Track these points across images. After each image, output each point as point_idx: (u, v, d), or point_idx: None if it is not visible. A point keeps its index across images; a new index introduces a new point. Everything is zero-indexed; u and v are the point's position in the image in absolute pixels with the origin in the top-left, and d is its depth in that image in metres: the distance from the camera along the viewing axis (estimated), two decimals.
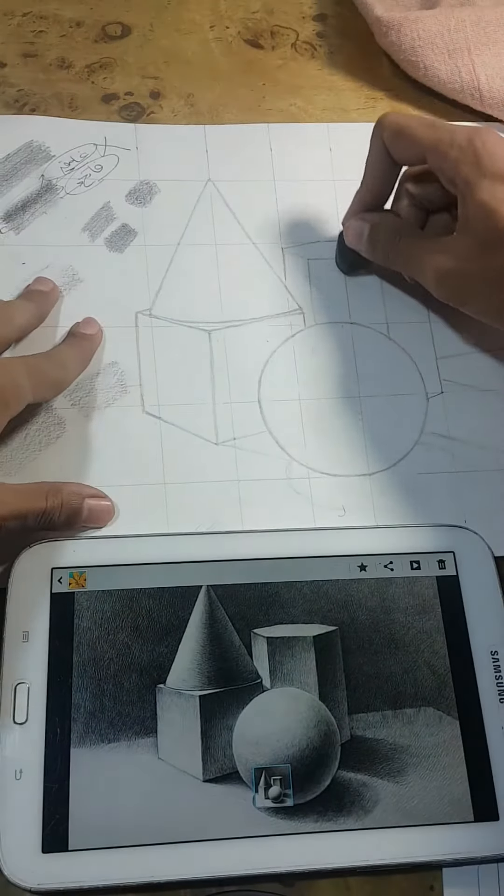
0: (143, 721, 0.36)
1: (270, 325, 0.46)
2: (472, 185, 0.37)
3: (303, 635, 0.38)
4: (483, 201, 0.37)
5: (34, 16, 0.53)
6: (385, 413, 0.44)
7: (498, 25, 0.51)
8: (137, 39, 0.53)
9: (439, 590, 0.39)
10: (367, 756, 0.36)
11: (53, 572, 0.38)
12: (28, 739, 0.35)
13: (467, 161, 0.38)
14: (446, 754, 0.36)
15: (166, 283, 0.46)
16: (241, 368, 0.45)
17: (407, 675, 0.38)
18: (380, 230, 0.43)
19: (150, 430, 0.43)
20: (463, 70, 0.51)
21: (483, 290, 0.39)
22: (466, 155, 0.38)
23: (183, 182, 0.49)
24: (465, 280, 0.39)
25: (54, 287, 0.44)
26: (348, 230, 0.45)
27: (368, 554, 0.40)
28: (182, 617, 0.38)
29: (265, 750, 0.36)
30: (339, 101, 0.53)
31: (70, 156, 0.49)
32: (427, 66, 0.51)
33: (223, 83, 0.52)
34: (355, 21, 0.54)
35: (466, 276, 0.39)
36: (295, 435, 0.43)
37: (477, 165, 0.37)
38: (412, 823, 0.35)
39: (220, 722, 0.36)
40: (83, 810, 0.34)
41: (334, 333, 0.46)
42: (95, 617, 0.37)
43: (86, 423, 0.42)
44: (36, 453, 0.41)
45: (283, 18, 0.55)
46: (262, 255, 0.48)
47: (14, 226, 0.46)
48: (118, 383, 0.44)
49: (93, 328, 0.44)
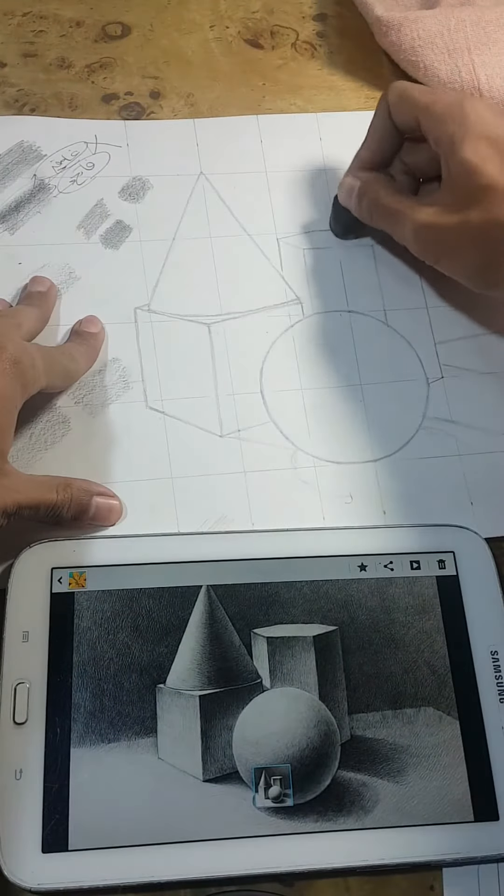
0: (143, 721, 0.36)
1: (269, 316, 0.46)
2: (456, 143, 0.38)
3: (303, 635, 0.38)
4: (465, 158, 0.37)
5: (34, 16, 0.53)
6: (387, 399, 0.45)
7: (498, 25, 0.51)
8: (137, 39, 0.53)
9: (439, 590, 0.39)
10: (367, 756, 0.36)
11: (53, 572, 0.38)
12: (28, 739, 0.35)
13: (454, 120, 0.38)
14: (446, 754, 0.36)
15: (163, 277, 0.46)
16: (242, 360, 0.45)
17: (407, 675, 0.38)
18: (368, 187, 0.44)
19: (155, 425, 0.43)
20: (463, 70, 0.51)
21: (458, 246, 0.39)
22: (453, 114, 0.38)
23: (175, 176, 0.49)
24: (441, 235, 0.39)
25: (52, 286, 0.44)
26: (342, 186, 0.45)
27: (368, 554, 0.40)
28: (182, 617, 0.38)
29: (265, 750, 0.36)
30: (339, 101, 0.52)
31: (61, 154, 0.49)
32: (427, 66, 0.51)
33: (223, 83, 0.52)
34: (355, 21, 0.54)
35: (443, 231, 0.39)
36: (299, 424, 0.44)
37: (462, 124, 0.38)
38: (412, 823, 0.35)
39: (220, 722, 0.36)
40: (83, 810, 0.34)
41: (333, 322, 0.46)
42: (95, 617, 0.37)
43: (90, 420, 0.43)
44: (42, 453, 0.41)
45: (283, 18, 0.55)
46: (257, 247, 0.48)
47: (9, 226, 0.46)
48: (120, 379, 0.44)
49: (96, 326, 0.44)
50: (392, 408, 0.44)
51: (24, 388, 0.37)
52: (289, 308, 0.46)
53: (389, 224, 0.43)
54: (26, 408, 0.39)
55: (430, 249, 0.41)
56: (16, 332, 0.39)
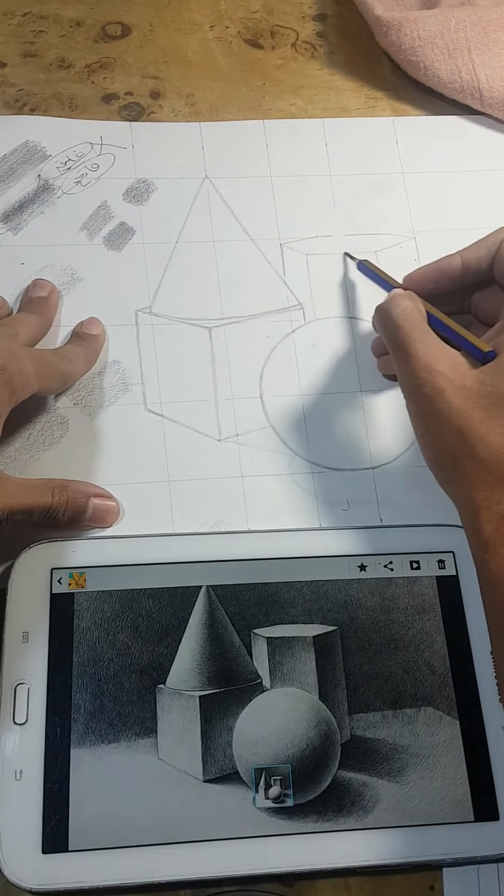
0: (143, 721, 0.36)
1: (270, 321, 0.46)
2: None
3: (303, 635, 0.38)
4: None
5: (34, 16, 0.53)
6: (386, 406, 0.44)
7: (498, 25, 0.51)
8: (137, 39, 0.53)
9: (439, 590, 0.39)
10: (367, 756, 0.36)
11: (53, 573, 0.38)
12: (28, 740, 0.35)
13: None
14: (446, 754, 0.36)
15: (165, 280, 0.46)
16: (242, 365, 0.45)
17: (407, 675, 0.38)
18: (405, 304, 0.39)
19: (153, 428, 0.43)
20: (463, 70, 0.51)
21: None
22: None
23: (180, 179, 0.49)
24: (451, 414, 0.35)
25: (53, 289, 0.44)
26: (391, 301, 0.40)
27: (368, 554, 0.40)
28: (182, 617, 0.38)
29: (265, 750, 0.36)
30: (339, 101, 0.52)
31: (66, 155, 0.49)
32: (427, 66, 0.51)
33: (223, 83, 0.52)
34: (355, 21, 0.54)
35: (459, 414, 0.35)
36: (297, 430, 0.44)
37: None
38: (412, 823, 0.35)
39: (220, 722, 0.36)
40: (83, 811, 0.34)
41: (334, 328, 0.46)
42: (95, 617, 0.37)
43: (88, 422, 0.43)
44: (39, 453, 0.41)
45: (283, 18, 0.55)
46: (260, 252, 0.48)
47: (12, 226, 0.46)
48: (120, 381, 0.44)
49: (97, 328, 0.44)
50: (392, 414, 0.44)
51: (12, 395, 0.37)
52: (290, 313, 0.46)
53: (398, 355, 0.38)
54: (25, 407, 0.40)
55: (423, 416, 0.36)
56: (8, 341, 0.39)
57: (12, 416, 0.38)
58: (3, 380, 0.36)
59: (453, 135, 0.52)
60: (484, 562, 0.33)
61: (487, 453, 0.33)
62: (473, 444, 0.34)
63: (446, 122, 0.52)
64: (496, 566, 0.32)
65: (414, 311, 0.38)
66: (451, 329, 0.38)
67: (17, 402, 0.38)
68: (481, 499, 0.33)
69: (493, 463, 0.33)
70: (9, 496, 0.36)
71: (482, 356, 0.36)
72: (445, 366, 0.35)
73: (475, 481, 0.33)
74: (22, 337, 0.41)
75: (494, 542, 0.32)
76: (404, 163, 0.51)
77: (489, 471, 0.33)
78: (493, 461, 0.33)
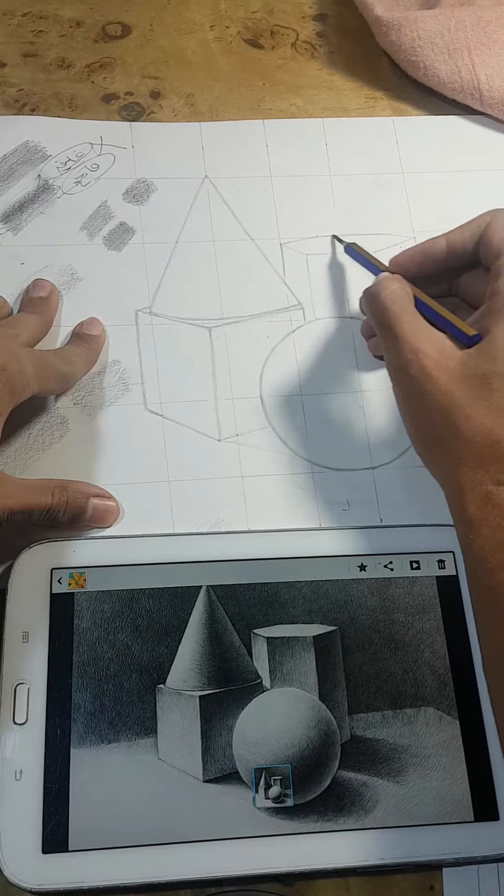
0: (143, 721, 0.36)
1: (270, 321, 0.46)
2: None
3: (303, 635, 0.38)
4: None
5: (34, 16, 0.53)
6: (386, 406, 0.44)
7: (498, 25, 0.51)
8: (137, 39, 0.53)
9: (439, 590, 0.39)
10: (367, 756, 0.36)
11: (53, 573, 0.38)
12: (28, 740, 0.35)
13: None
14: (446, 754, 0.36)
15: (165, 280, 0.46)
16: (242, 364, 0.45)
17: (407, 675, 0.38)
18: (392, 286, 0.40)
19: (153, 428, 0.43)
20: (463, 70, 0.51)
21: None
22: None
23: (180, 179, 0.49)
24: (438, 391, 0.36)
25: (53, 289, 0.44)
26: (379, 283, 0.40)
27: (368, 554, 0.40)
28: (182, 617, 0.38)
29: (265, 750, 0.36)
30: (339, 101, 0.52)
31: (66, 155, 0.49)
32: (427, 66, 0.51)
33: (223, 83, 0.52)
34: (355, 21, 0.54)
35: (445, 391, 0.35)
36: (297, 430, 0.44)
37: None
38: (412, 823, 0.35)
39: (220, 722, 0.36)
40: (83, 811, 0.34)
41: (334, 328, 0.46)
42: (95, 617, 0.37)
43: (89, 422, 0.43)
44: (39, 453, 0.41)
45: (283, 18, 0.55)
46: (260, 252, 0.48)
47: (12, 226, 0.46)
48: (120, 381, 0.44)
49: (97, 328, 0.44)
50: (392, 415, 0.44)
51: (13, 395, 0.37)
52: (290, 313, 0.46)
53: (385, 337, 0.38)
54: (25, 407, 0.40)
55: (409, 397, 0.37)
56: (8, 341, 0.39)
57: (12, 416, 0.38)
58: (4, 380, 0.36)
59: (453, 135, 0.52)
60: (468, 541, 0.33)
61: (472, 433, 0.34)
62: (458, 423, 0.34)
63: (446, 122, 0.52)
64: (479, 545, 0.33)
65: (402, 294, 0.39)
66: (437, 313, 0.39)
67: (18, 402, 0.38)
68: (465, 479, 0.34)
69: (476, 443, 0.33)
70: (9, 496, 0.36)
71: (467, 339, 0.36)
72: (431, 348, 0.36)
73: (459, 461, 0.34)
74: (22, 337, 0.41)
75: (478, 521, 0.33)
76: (404, 163, 0.51)
77: (473, 450, 0.33)
78: (476, 441, 0.33)
